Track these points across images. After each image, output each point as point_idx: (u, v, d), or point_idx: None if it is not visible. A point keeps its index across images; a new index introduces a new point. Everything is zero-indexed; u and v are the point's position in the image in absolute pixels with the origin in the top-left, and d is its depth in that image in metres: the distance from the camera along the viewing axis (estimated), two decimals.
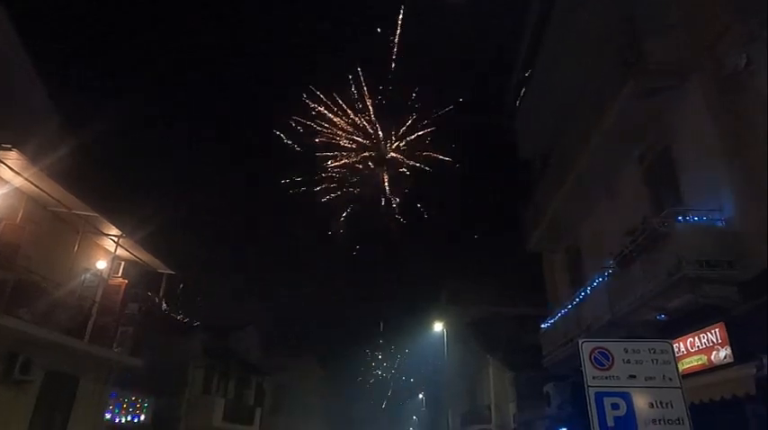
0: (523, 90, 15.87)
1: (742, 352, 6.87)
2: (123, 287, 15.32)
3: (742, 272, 7.05)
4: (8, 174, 11.07)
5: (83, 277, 13.69)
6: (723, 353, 7.25)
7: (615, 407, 5.02)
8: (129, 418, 16.87)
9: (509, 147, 18.53)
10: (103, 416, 15.14)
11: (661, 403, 5.00)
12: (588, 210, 12.72)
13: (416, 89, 30.89)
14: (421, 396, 66.78)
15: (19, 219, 11.89)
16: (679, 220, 7.78)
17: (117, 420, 16.26)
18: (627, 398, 5.05)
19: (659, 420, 4.94)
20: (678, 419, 4.93)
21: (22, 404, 11.59)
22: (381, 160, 31.98)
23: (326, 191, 32.63)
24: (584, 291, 11.02)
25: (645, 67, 8.80)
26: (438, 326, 36.68)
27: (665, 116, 9.27)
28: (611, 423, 4.97)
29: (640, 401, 5.03)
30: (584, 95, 11.61)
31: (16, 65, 13.41)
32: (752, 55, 7.14)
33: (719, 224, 7.63)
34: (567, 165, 12.33)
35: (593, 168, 11.24)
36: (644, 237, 8.28)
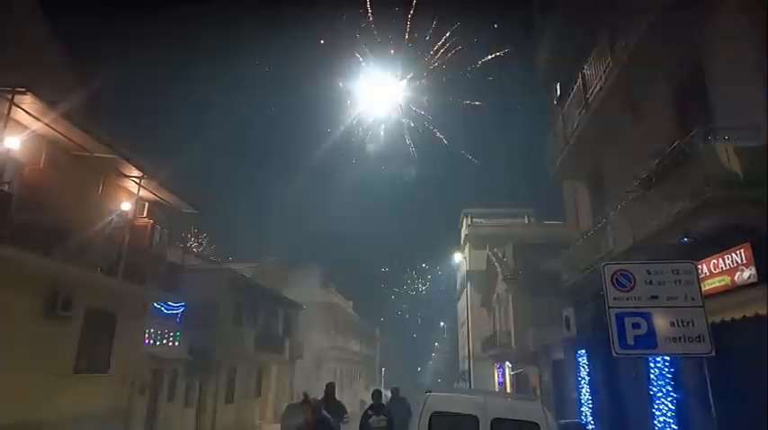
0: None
1: (767, 272, 6.79)
2: (150, 227, 15.75)
3: None
4: (26, 119, 11.12)
5: (110, 218, 14.06)
6: (747, 274, 7.18)
7: (636, 326, 5.10)
8: (167, 347, 17.88)
9: (532, 73, 17.80)
10: (142, 346, 16.09)
11: (682, 322, 5.05)
12: (612, 134, 12.30)
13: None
14: (442, 324, 69.08)
15: (41, 163, 12.10)
16: (708, 140, 7.47)
17: (157, 343, 17.23)
18: (648, 317, 5.11)
19: (680, 338, 5.01)
20: (699, 337, 4.99)
21: (67, 337, 12.35)
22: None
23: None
24: (606, 216, 10.90)
25: None
26: (459, 257, 37.18)
27: (700, 30, 8.67)
28: (631, 341, 5.07)
29: (661, 321, 5.09)
30: (610, 12, 10.89)
31: (24, 12, 13.08)
32: None
33: (752, 143, 7.31)
34: (590, 87, 11.81)
35: (619, 88, 10.73)
36: (671, 158, 8.02)
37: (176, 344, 18.45)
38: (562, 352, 17.24)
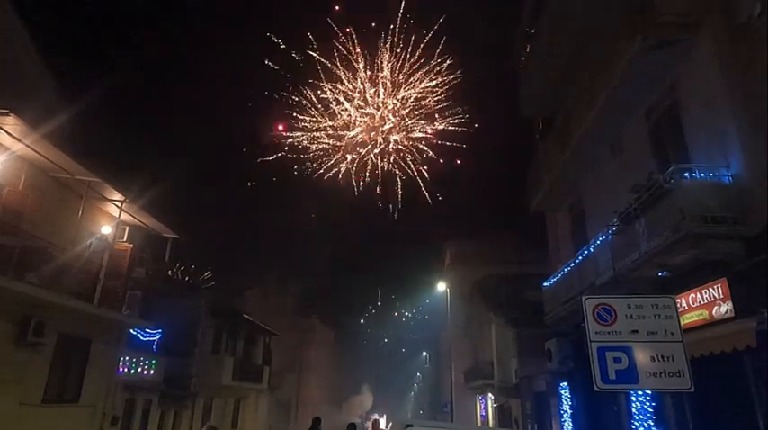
0: (528, 47, 15.48)
1: (743, 307, 6.92)
2: (129, 251, 15.48)
3: (747, 228, 7.02)
4: (7, 140, 10.99)
5: (89, 242, 13.79)
6: (724, 308, 7.31)
7: (617, 361, 5.12)
8: (142, 375, 17.35)
9: (513, 107, 18.22)
10: (116, 375, 15.59)
11: (662, 357, 5.09)
12: (593, 169, 12.61)
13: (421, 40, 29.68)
14: (425, 354, 68.38)
15: (21, 185, 11.89)
16: (685, 176, 7.70)
17: (131, 371, 16.71)
18: (629, 352, 5.14)
19: (660, 373, 5.04)
20: (679, 372, 5.03)
21: (37, 365, 11.91)
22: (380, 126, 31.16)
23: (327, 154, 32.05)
24: (588, 248, 11.06)
25: (654, 19, 8.50)
26: (442, 287, 37.14)
27: (674, 70, 9.04)
28: (612, 376, 5.08)
29: (642, 355, 5.13)
30: (589, 51, 11.31)
31: (9, 30, 13.10)
32: (766, 2, 6.88)
33: (726, 180, 7.55)
34: (572, 123, 12.14)
35: (599, 125, 11.05)
36: (649, 193, 8.23)
37: (151, 372, 17.93)
38: (545, 384, 17.16)
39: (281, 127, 30.92)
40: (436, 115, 30.64)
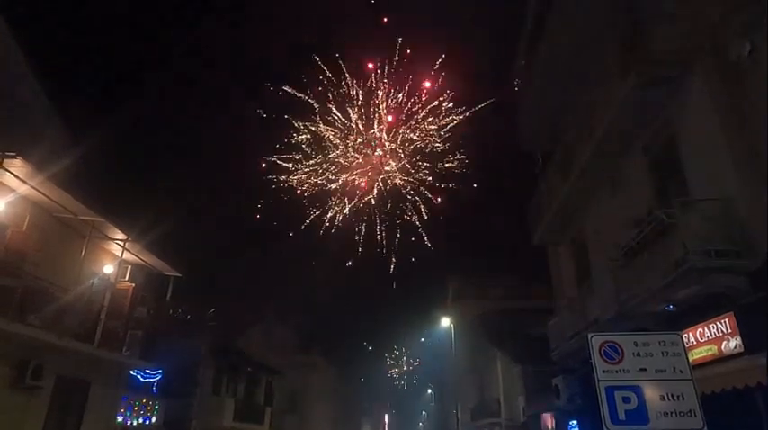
0: (525, 82, 15.81)
1: (752, 341, 6.83)
2: (131, 291, 15.40)
3: (750, 261, 7.01)
4: (13, 182, 11.12)
5: (90, 282, 13.75)
6: (733, 343, 7.21)
7: (626, 400, 5.01)
8: (140, 421, 16.98)
9: (513, 141, 18.46)
10: (115, 419, 15.25)
11: (672, 396, 4.99)
12: (593, 203, 12.67)
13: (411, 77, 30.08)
14: (430, 391, 66.94)
15: (25, 226, 11.96)
16: (685, 210, 7.73)
17: (129, 422, 16.37)
18: (638, 391, 5.04)
19: (671, 413, 4.92)
20: (690, 411, 4.91)
21: (34, 409, 11.69)
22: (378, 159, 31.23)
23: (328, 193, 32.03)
24: (591, 283, 10.99)
25: (647, 57, 8.73)
26: (445, 322, 36.72)
27: (669, 106, 9.21)
28: (622, 416, 4.96)
29: (651, 394, 5.02)
30: (586, 88, 11.55)
31: (17, 71, 13.46)
32: (755, 42, 7.08)
33: (727, 214, 7.58)
34: (571, 158, 12.28)
35: (597, 160, 11.18)
36: (650, 228, 8.24)
37: (153, 419, 17.54)
38: (553, 422, 16.73)
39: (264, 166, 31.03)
40: (438, 156, 30.70)
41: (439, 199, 31.55)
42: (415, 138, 30.26)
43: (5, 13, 13.10)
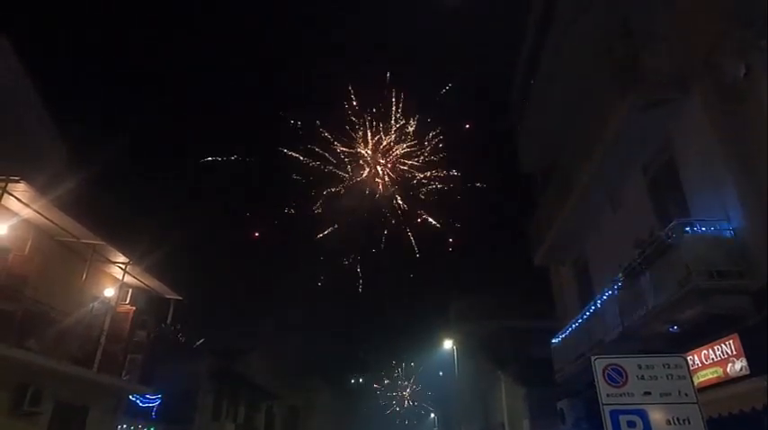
0: (525, 104, 15.97)
1: (758, 363, 6.74)
2: (131, 314, 15.32)
3: (753, 281, 6.97)
4: (16, 206, 11.17)
5: (91, 306, 13.71)
6: (739, 366, 7.12)
7: (631, 424, 4.94)
8: None
9: (513, 161, 18.55)
10: None
11: (678, 420, 4.92)
12: (594, 223, 12.66)
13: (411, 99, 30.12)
14: (432, 415, 65.85)
15: (27, 249, 11.97)
16: (687, 231, 7.72)
17: None
18: (643, 415, 4.97)
19: None
20: None
21: None
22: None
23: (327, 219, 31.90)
24: (594, 304, 10.92)
25: (644, 79, 8.83)
26: (448, 344, 36.32)
27: (668, 127, 9.28)
28: None
29: (657, 418, 4.95)
30: (584, 110, 11.66)
31: (20, 95, 13.63)
32: (751, 63, 7.16)
33: (728, 234, 7.57)
34: (571, 179, 12.32)
35: (597, 181, 11.22)
36: (652, 248, 8.23)
37: None
38: None
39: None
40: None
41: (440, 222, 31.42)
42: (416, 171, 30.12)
43: (11, 36, 13.26)
